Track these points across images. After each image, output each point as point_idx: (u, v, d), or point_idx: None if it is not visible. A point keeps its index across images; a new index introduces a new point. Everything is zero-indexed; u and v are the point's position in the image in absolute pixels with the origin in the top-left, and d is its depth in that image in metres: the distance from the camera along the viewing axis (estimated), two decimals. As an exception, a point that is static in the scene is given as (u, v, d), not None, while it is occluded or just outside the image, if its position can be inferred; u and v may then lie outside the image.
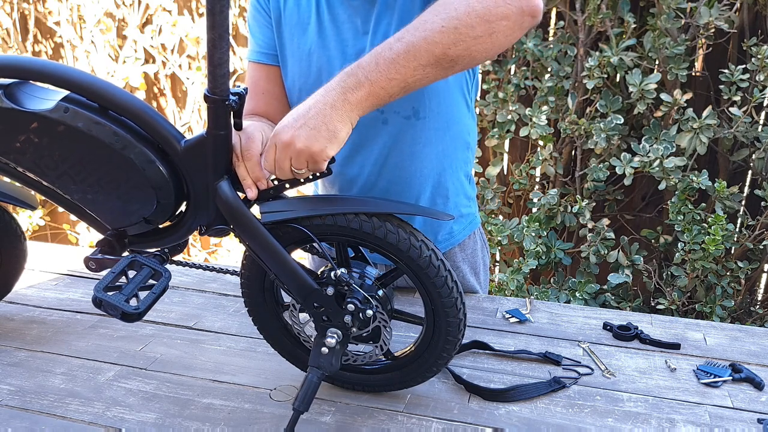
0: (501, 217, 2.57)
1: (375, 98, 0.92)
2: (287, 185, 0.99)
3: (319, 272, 1.03)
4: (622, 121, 2.23)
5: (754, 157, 2.26)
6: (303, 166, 0.93)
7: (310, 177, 0.97)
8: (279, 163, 0.94)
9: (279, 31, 1.26)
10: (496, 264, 2.65)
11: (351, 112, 0.92)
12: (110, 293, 0.96)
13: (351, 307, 0.97)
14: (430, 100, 1.24)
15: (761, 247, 2.22)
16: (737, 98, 2.15)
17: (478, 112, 2.48)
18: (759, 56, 2.09)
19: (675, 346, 1.28)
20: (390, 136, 1.26)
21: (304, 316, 1.05)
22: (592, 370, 1.20)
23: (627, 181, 2.21)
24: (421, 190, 1.32)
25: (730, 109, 2.16)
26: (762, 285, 2.46)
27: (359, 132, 1.27)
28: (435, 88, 1.23)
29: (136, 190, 0.97)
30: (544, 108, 2.32)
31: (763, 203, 2.17)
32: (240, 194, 0.98)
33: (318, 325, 1.01)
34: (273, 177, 0.99)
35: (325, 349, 0.98)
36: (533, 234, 2.35)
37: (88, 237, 3.31)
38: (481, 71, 2.46)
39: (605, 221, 2.32)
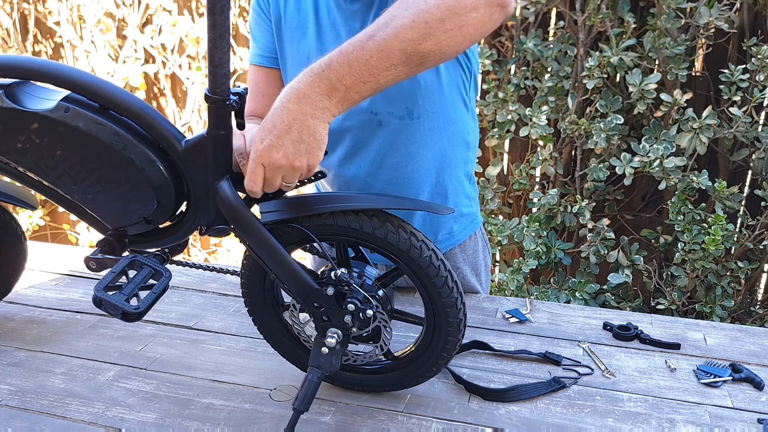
0: (501, 217, 2.57)
1: (349, 102, 0.91)
2: None
3: (319, 272, 1.03)
4: (622, 121, 2.23)
5: (754, 157, 2.26)
6: (296, 180, 0.93)
7: (305, 180, 0.97)
8: (269, 182, 0.92)
9: (279, 34, 1.27)
10: (496, 264, 2.65)
11: (326, 114, 0.90)
12: (110, 293, 0.96)
13: (351, 307, 0.97)
14: (423, 100, 1.24)
15: (761, 247, 2.22)
16: (737, 98, 2.15)
17: (478, 112, 2.47)
18: (759, 56, 2.09)
19: (675, 346, 1.28)
20: (385, 137, 1.26)
21: (304, 316, 1.05)
22: (592, 370, 1.20)
23: (627, 181, 2.21)
24: (420, 190, 1.32)
25: (730, 109, 2.16)
26: (762, 285, 2.46)
27: (355, 134, 1.27)
28: (428, 87, 1.23)
29: (136, 190, 0.97)
30: (544, 108, 2.32)
31: (763, 203, 2.17)
32: (240, 194, 0.98)
33: (318, 325, 1.01)
34: None
35: (325, 349, 0.98)
36: (533, 234, 2.35)
37: (88, 237, 3.31)
38: (480, 71, 2.46)
39: (605, 221, 2.32)
